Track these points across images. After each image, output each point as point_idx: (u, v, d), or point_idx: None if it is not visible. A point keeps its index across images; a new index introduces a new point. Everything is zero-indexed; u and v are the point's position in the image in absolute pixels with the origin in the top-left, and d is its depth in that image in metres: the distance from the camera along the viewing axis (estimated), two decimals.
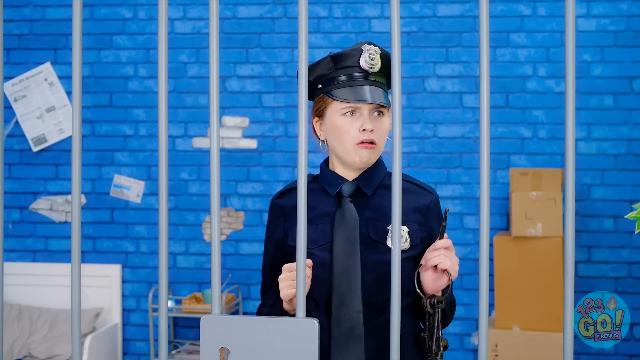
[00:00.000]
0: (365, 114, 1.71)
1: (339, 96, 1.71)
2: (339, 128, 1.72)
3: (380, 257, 1.69)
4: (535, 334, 3.64)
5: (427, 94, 4.23)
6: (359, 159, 1.71)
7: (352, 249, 1.69)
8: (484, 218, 1.06)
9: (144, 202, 4.39)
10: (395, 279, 1.11)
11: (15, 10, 4.47)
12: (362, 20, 4.27)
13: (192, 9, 4.38)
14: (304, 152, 1.08)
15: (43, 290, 4.39)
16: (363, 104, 1.71)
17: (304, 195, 1.10)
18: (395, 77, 1.07)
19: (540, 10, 4.17)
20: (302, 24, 1.07)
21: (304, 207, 1.11)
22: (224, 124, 4.37)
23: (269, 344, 1.16)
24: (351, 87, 1.72)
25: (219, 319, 1.16)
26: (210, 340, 1.15)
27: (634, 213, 2.61)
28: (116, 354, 4.33)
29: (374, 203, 1.75)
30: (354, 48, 1.76)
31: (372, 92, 1.72)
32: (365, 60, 1.73)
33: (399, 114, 1.06)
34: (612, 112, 4.11)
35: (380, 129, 1.73)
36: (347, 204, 1.73)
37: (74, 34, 1.10)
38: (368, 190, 1.75)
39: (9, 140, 4.46)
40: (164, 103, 1.08)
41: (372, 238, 1.71)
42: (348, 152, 1.72)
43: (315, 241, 1.72)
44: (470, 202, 4.19)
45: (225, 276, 4.30)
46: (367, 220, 1.73)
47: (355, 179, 1.76)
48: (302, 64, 1.09)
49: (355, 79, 1.73)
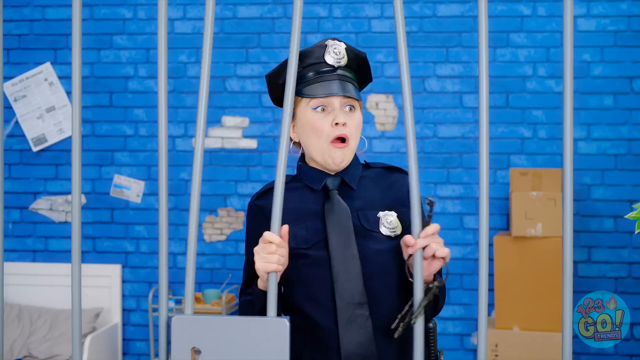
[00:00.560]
0: (336, 108, 1.69)
1: (308, 93, 1.70)
2: (311, 125, 1.70)
3: (376, 245, 1.68)
4: (535, 334, 3.64)
5: (427, 94, 4.23)
6: (331, 160, 1.69)
7: (348, 241, 1.67)
8: (483, 219, 1.06)
9: (144, 202, 4.39)
10: (418, 274, 1.11)
11: (15, 10, 4.47)
12: (362, 20, 4.27)
13: (192, 9, 4.38)
14: (284, 148, 1.09)
15: (43, 290, 4.39)
16: (334, 98, 1.69)
17: (280, 193, 1.10)
18: (404, 77, 1.07)
19: (540, 10, 4.17)
20: (296, 24, 1.07)
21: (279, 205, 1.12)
22: (224, 124, 4.37)
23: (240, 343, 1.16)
24: (320, 83, 1.69)
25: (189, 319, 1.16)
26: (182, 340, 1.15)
27: (634, 213, 2.61)
28: (116, 354, 4.33)
29: (359, 194, 1.74)
30: (317, 45, 1.74)
31: (341, 85, 1.70)
32: (331, 55, 1.71)
33: (411, 112, 1.06)
34: (612, 112, 4.11)
35: (352, 123, 1.70)
36: (335, 197, 1.71)
37: (74, 34, 1.10)
38: (353, 183, 1.74)
39: (9, 140, 4.45)
40: (163, 103, 1.08)
41: (365, 227, 1.69)
42: (321, 153, 1.70)
43: (308, 240, 1.69)
44: (470, 202, 4.19)
45: (225, 276, 4.30)
46: (357, 211, 1.71)
47: (338, 173, 1.74)
48: (292, 64, 1.09)
49: (324, 75, 1.70)
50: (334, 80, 1.70)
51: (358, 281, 1.64)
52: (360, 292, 1.64)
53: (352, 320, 1.64)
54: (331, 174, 1.74)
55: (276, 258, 1.49)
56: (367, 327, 1.64)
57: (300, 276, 1.68)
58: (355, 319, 1.64)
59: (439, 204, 4.16)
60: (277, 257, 1.49)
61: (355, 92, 1.72)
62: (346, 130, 1.68)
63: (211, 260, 4.37)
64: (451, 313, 4.13)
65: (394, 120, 4.25)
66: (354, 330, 1.63)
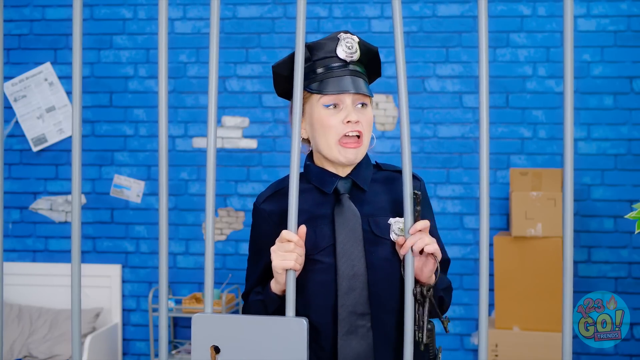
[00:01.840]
0: (348, 105, 1.64)
1: (319, 89, 1.63)
2: (321, 122, 1.64)
3: (385, 252, 1.63)
4: (535, 334, 3.64)
5: (427, 94, 4.23)
6: (344, 159, 1.64)
7: (357, 249, 1.62)
8: (483, 218, 1.06)
9: (144, 202, 4.39)
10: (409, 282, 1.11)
11: (15, 10, 4.47)
12: (362, 20, 4.27)
13: (192, 9, 4.38)
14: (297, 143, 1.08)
15: (43, 290, 4.39)
16: (346, 96, 1.63)
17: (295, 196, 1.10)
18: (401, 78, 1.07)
19: (540, 10, 4.17)
20: (300, 23, 1.07)
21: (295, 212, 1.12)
22: (224, 124, 4.37)
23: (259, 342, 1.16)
24: (331, 79, 1.63)
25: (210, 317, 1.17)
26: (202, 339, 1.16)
27: (634, 213, 2.60)
28: (116, 354, 4.33)
29: (370, 198, 1.68)
30: (329, 37, 1.68)
31: (353, 82, 1.64)
32: (343, 49, 1.65)
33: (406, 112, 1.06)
34: (612, 112, 4.11)
35: (365, 120, 1.65)
36: (346, 202, 1.65)
37: (74, 34, 1.10)
38: (365, 185, 1.68)
39: (9, 140, 4.45)
40: (164, 103, 1.08)
41: (375, 234, 1.64)
42: (331, 150, 1.64)
43: (317, 245, 1.63)
44: (470, 202, 4.18)
45: (225, 276, 4.30)
46: (368, 217, 1.65)
47: (349, 175, 1.69)
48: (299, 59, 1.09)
49: (335, 70, 1.64)
50: (346, 76, 1.64)
51: (362, 291, 1.61)
52: (364, 302, 1.61)
53: (352, 330, 1.61)
54: (342, 177, 1.68)
55: (294, 256, 1.48)
56: (368, 339, 1.61)
57: (306, 281, 1.63)
58: (356, 329, 1.61)
59: (439, 204, 4.16)
60: (296, 255, 1.48)
61: (366, 88, 1.66)
62: (359, 127, 1.64)
63: None
64: (451, 313, 4.13)
65: (393, 120, 4.25)
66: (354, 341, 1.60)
